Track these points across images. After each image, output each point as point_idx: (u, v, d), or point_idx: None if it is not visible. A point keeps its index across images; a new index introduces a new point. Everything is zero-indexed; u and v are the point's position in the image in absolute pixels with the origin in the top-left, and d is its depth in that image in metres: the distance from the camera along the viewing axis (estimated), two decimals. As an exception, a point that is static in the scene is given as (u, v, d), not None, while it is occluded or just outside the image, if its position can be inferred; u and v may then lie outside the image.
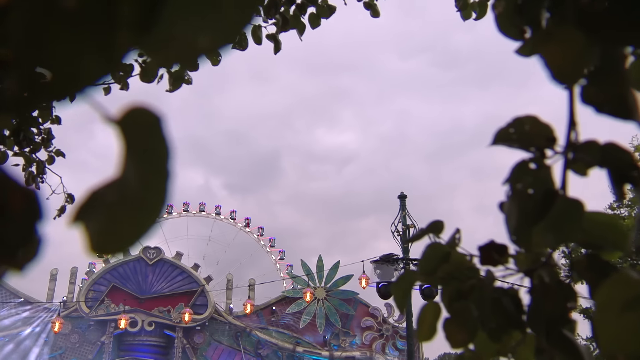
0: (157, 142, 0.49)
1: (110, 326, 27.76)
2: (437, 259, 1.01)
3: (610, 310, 0.68)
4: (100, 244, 0.49)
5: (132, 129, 0.49)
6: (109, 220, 0.49)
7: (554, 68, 0.76)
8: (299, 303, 29.33)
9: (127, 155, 0.48)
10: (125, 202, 0.48)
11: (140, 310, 28.01)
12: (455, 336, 0.95)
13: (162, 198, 0.48)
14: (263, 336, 28.73)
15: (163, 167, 0.48)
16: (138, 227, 0.49)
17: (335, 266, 29.85)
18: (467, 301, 0.98)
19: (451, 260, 1.02)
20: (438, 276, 1.04)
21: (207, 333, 28.79)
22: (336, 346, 28.73)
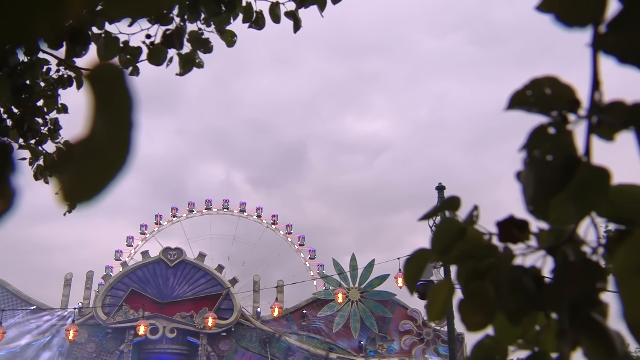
0: (121, 94, 0.55)
1: (129, 334, 28.20)
2: (451, 235, 1.02)
3: (630, 274, 0.67)
4: (72, 194, 0.56)
5: (99, 83, 0.56)
6: (79, 172, 0.57)
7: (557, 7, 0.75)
8: (331, 305, 29.37)
9: (95, 108, 0.55)
10: (93, 154, 0.56)
11: (161, 316, 28.41)
12: (471, 318, 0.95)
13: (127, 147, 0.54)
14: (293, 342, 28.88)
15: (127, 117, 0.54)
16: (106, 177, 0.58)
17: (369, 265, 29.77)
18: (484, 281, 0.99)
19: (467, 238, 1.03)
20: (453, 255, 1.05)
21: (233, 339, 29.04)
22: (372, 352, 28.72)
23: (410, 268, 1.14)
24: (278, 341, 29.06)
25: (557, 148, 0.84)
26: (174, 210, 40.16)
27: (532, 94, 0.90)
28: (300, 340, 29.05)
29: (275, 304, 22.65)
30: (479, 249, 1.05)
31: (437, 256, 1.06)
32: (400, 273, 18.87)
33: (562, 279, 0.98)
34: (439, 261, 1.07)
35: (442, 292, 1.04)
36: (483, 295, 0.97)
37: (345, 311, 29.29)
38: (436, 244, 1.02)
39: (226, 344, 28.92)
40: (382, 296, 29.49)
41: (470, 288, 0.98)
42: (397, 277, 19.39)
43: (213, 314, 22.33)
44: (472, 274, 1.03)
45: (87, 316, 28.79)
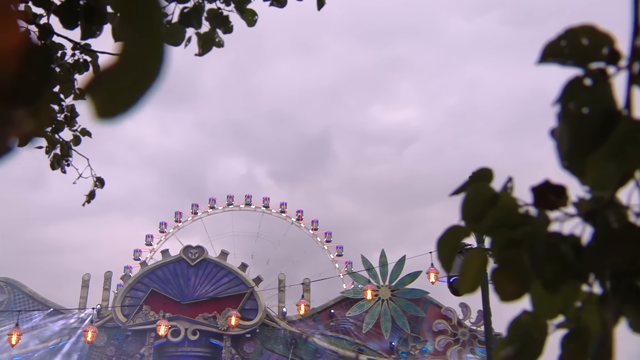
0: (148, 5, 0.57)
1: (149, 336, 28.51)
2: (482, 202, 1.00)
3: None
4: (105, 109, 0.59)
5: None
6: (111, 88, 0.61)
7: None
8: (360, 305, 29.40)
9: (124, 21, 0.59)
10: (125, 69, 0.60)
11: (183, 318, 28.64)
12: (505, 288, 0.94)
13: (159, 58, 0.57)
14: (321, 343, 28.94)
15: (156, 27, 0.57)
16: (139, 89, 0.62)
17: (400, 262, 29.73)
18: (519, 250, 0.98)
19: (500, 205, 1.01)
20: (485, 224, 1.04)
21: (258, 341, 29.20)
22: (405, 353, 28.66)
23: (444, 246, 1.12)
24: (305, 343, 29.14)
25: (594, 101, 0.83)
26: (194, 207, 40.44)
27: (567, 44, 0.88)
28: (329, 341, 29.09)
29: (302, 301, 22.66)
30: (513, 216, 1.03)
31: (468, 226, 1.05)
32: (432, 268, 18.81)
33: (603, 247, 0.97)
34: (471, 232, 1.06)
35: (475, 262, 1.03)
36: (518, 263, 0.96)
37: (375, 310, 29.28)
38: (467, 211, 1.01)
39: (251, 346, 29.09)
40: (414, 294, 29.41)
41: (504, 256, 0.97)
42: (430, 273, 19.26)
43: (236, 313, 22.39)
44: (507, 243, 1.01)
45: (106, 318, 29.17)
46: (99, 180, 4.02)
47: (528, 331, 1.06)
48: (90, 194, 4.02)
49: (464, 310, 29.49)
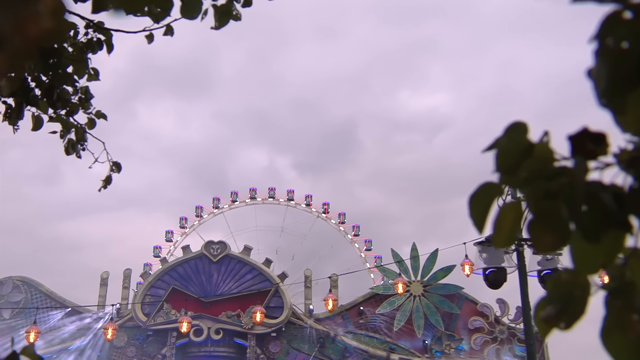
0: None
1: (171, 336, 28.83)
2: (518, 153, 1.00)
3: None
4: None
5: None
6: None
7: None
8: (391, 301, 29.41)
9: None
10: None
11: (206, 316, 28.90)
12: (542, 239, 0.95)
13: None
14: (350, 342, 28.98)
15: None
16: None
17: (433, 256, 29.63)
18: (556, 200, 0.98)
19: (536, 156, 1.01)
20: (521, 176, 1.04)
21: (284, 340, 29.39)
22: (439, 352, 28.62)
23: (477, 203, 1.12)
24: (333, 341, 29.23)
25: (634, 34, 0.82)
26: (215, 201, 40.72)
27: (604, -21, 0.88)
28: (358, 340, 29.13)
29: (329, 296, 22.62)
30: (550, 168, 1.03)
31: (503, 179, 1.06)
32: (467, 259, 18.59)
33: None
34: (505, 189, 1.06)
35: (510, 214, 1.03)
36: (555, 214, 0.97)
37: (407, 307, 29.24)
38: (501, 162, 1.01)
39: (276, 345, 29.28)
40: (448, 290, 29.35)
41: (541, 208, 0.97)
42: (464, 265, 19.04)
43: (261, 309, 22.44)
44: (543, 195, 1.02)
45: (126, 317, 29.55)
46: (116, 165, 4.07)
47: (569, 289, 1.06)
48: (107, 179, 4.08)
49: (502, 306, 29.30)
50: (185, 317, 23.24)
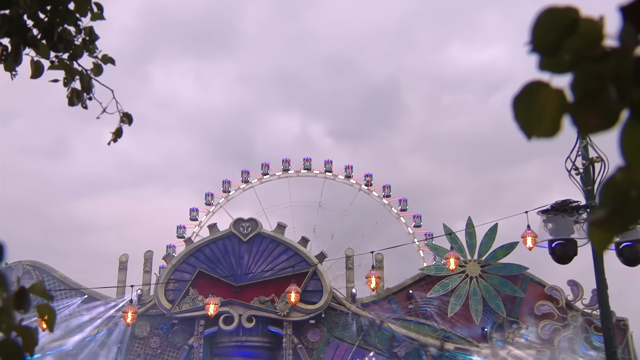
0: None
1: (199, 325, 29.27)
2: (559, 28, 0.99)
3: None
4: None
5: None
6: None
7: None
8: (444, 284, 29.40)
9: None
10: None
11: (236, 302, 29.18)
12: (586, 119, 0.94)
13: None
14: (398, 329, 29.01)
15: None
16: None
17: (491, 231, 29.52)
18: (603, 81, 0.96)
19: (581, 33, 1.00)
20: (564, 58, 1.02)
21: (324, 328, 29.62)
22: (501, 341, 28.52)
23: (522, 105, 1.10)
24: (379, 329, 29.31)
25: None
26: (244, 174, 41.00)
27: None
28: (407, 327, 29.17)
29: (372, 273, 22.40)
30: (598, 48, 1.02)
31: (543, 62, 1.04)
32: (529, 231, 18.21)
33: None
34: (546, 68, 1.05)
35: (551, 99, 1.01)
36: (602, 93, 0.95)
37: (462, 290, 29.19)
38: (539, 38, 0.99)
39: (316, 333, 29.52)
40: (510, 270, 29.18)
41: (586, 87, 0.96)
42: (526, 237, 18.66)
43: (296, 288, 22.39)
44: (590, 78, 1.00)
45: (148, 305, 29.97)
46: (127, 116, 4.12)
47: (624, 190, 1.05)
48: (117, 131, 4.13)
49: (574, 289, 29.05)
50: (212, 298, 23.31)
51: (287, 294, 22.12)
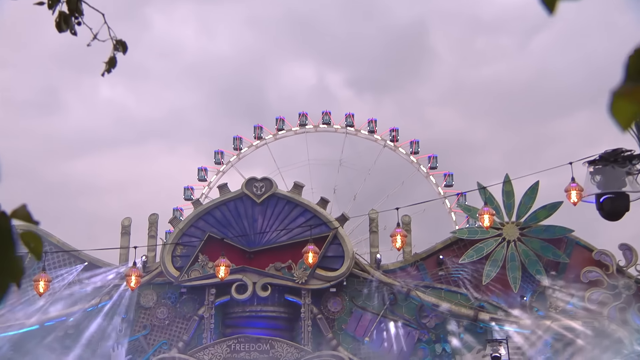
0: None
1: (209, 294, 29.50)
2: None
3: None
4: None
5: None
6: None
7: None
8: (478, 248, 29.27)
9: None
10: None
11: (250, 269, 29.32)
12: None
13: None
14: (428, 298, 29.05)
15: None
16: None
17: (532, 190, 29.33)
18: None
19: None
20: None
21: (346, 297, 29.72)
22: (542, 312, 28.45)
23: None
24: (407, 298, 29.40)
25: None
26: (257, 130, 41.00)
27: None
28: (437, 295, 29.22)
29: (397, 231, 22.05)
30: None
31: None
32: (573, 184, 17.75)
33: None
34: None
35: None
36: None
37: (499, 255, 29.04)
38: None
39: (337, 303, 29.63)
40: (553, 233, 29.01)
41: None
42: (570, 190, 18.14)
43: (314, 248, 22.14)
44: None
45: (154, 272, 30.13)
46: (120, 44, 4.01)
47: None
48: (111, 60, 4.02)
49: (627, 253, 28.83)
50: (222, 259, 23.13)
51: (304, 255, 21.81)
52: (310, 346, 28.92)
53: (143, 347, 29.87)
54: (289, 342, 29.00)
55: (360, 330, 29.38)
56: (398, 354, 28.97)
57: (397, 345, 29.03)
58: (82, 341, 29.33)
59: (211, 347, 28.92)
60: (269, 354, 28.64)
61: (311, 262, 22.58)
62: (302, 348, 28.79)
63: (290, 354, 28.69)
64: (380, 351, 29.13)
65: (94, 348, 29.34)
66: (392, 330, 29.20)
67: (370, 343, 29.24)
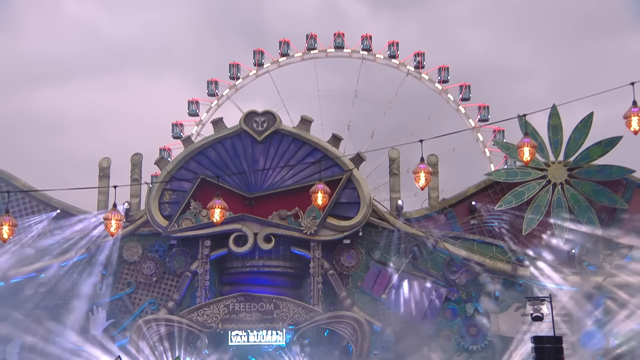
0: None
1: (203, 246, 29.15)
2: None
3: None
4: None
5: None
6: None
7: None
8: (518, 192, 28.77)
9: None
10: None
11: (250, 218, 28.91)
12: None
13: None
14: (457, 251, 28.81)
15: None
16: None
17: (584, 124, 28.71)
18: None
19: None
20: None
21: (362, 249, 29.46)
22: (593, 266, 28.26)
23: None
24: (433, 250, 29.19)
25: None
26: (257, 55, 40.57)
27: None
28: (469, 248, 28.98)
29: (421, 167, 20.80)
30: None
31: None
32: (634, 108, 16.57)
33: None
34: None
35: None
36: None
37: (542, 200, 28.57)
38: None
39: (351, 256, 29.37)
40: (609, 174, 28.58)
41: None
42: (630, 116, 16.89)
43: (324, 187, 21.08)
44: None
45: (139, 222, 29.82)
46: None
47: None
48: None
49: (697, 198, 28.22)
50: (217, 201, 22.21)
51: (313, 196, 20.71)
52: (321, 306, 28.77)
53: (127, 307, 29.70)
54: (295, 301, 28.87)
55: (378, 288, 29.26)
56: (422, 315, 28.83)
57: (421, 306, 28.93)
58: (56, 301, 29.12)
59: (206, 307, 28.75)
60: (272, 315, 28.58)
61: (321, 204, 21.23)
62: (311, 308, 28.63)
63: (298, 314, 28.56)
64: (401, 312, 28.96)
65: (69, 308, 28.99)
66: (415, 288, 29.05)
67: (389, 303, 29.12)
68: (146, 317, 28.93)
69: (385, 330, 28.79)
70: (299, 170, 29.44)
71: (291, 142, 29.82)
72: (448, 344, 28.78)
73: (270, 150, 29.73)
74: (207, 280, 29.20)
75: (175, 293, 29.54)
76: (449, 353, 28.67)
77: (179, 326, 28.40)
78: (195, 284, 29.47)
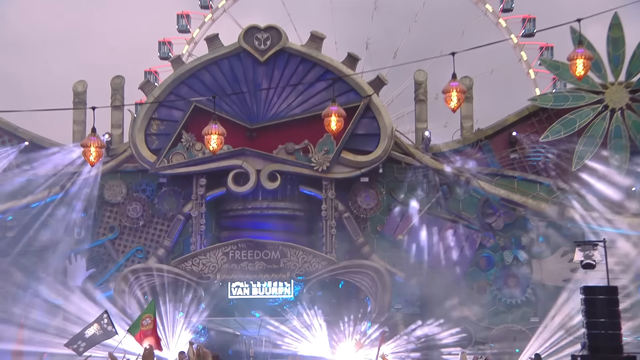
0: None
1: (198, 185, 28.62)
2: None
3: None
4: None
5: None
6: None
7: None
8: (568, 120, 27.77)
9: None
10: None
11: (252, 152, 28.32)
12: None
13: None
14: (494, 191, 28.24)
15: None
16: None
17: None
18: None
19: None
20: None
21: (382, 189, 28.92)
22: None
23: None
24: (465, 190, 28.67)
25: None
26: (259, -42, 40.23)
27: None
28: (508, 186, 28.49)
29: (453, 85, 19.25)
30: None
31: None
32: None
33: None
34: None
35: None
36: None
37: (598, 129, 27.73)
38: None
39: (370, 197, 28.75)
40: (679, 96, 27.69)
41: None
42: None
43: (338, 110, 19.72)
44: None
45: (121, 157, 29.25)
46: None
47: None
48: None
49: None
50: (213, 126, 21.08)
51: (325, 120, 19.44)
52: (335, 254, 28.49)
53: (110, 255, 29.38)
54: (305, 248, 28.59)
55: (401, 233, 28.76)
56: (452, 264, 28.49)
57: (451, 253, 28.57)
58: (27, 247, 28.70)
59: (202, 255, 28.54)
60: (279, 264, 28.38)
61: (335, 130, 19.86)
62: (323, 257, 28.35)
63: (308, 263, 28.30)
64: (427, 261, 28.57)
65: (43, 257, 28.66)
66: (445, 233, 28.67)
67: (414, 250, 28.65)
68: (133, 267, 28.66)
69: (408, 282, 28.34)
70: (309, 96, 28.86)
71: (299, 63, 29.13)
72: (482, 297, 28.42)
73: (274, 73, 29.08)
74: (203, 224, 28.90)
75: (165, 239, 29.18)
76: (484, 308, 28.33)
77: (170, 277, 28.10)
78: (188, 229, 29.13)
